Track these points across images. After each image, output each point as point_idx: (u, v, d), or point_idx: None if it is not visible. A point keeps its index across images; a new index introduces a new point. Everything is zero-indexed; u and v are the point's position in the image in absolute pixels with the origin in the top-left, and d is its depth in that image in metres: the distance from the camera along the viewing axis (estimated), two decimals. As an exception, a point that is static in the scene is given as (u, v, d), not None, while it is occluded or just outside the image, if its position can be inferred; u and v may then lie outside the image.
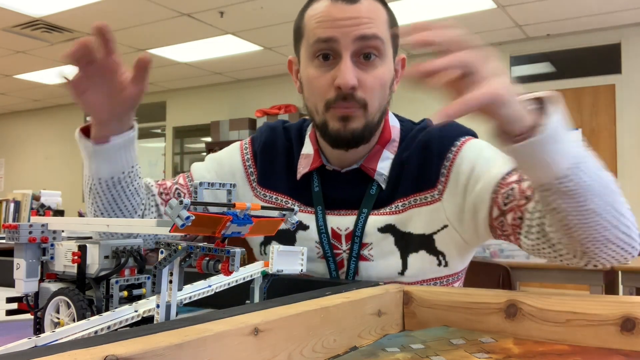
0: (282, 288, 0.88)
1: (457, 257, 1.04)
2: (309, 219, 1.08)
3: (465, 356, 0.66)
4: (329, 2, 0.97)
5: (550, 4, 4.80)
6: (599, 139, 5.45)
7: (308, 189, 1.09)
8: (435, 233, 1.02)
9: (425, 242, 1.02)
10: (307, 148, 1.11)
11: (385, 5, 1.02)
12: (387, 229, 1.02)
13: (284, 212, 0.69)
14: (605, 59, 5.49)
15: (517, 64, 5.93)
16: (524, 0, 4.73)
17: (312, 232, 1.07)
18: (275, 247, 0.88)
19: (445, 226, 1.01)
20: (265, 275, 0.88)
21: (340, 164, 1.07)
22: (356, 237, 1.03)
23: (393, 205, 1.03)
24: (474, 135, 1.06)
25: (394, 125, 1.09)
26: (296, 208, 0.70)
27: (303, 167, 1.10)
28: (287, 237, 1.09)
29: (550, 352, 0.70)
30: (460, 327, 0.77)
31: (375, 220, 1.03)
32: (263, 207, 0.64)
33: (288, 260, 0.91)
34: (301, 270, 0.93)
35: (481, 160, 0.99)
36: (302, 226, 1.08)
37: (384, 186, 1.04)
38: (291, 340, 0.61)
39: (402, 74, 1.07)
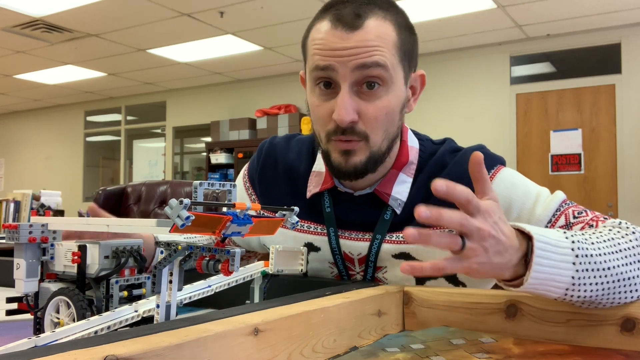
0: (282, 288, 0.88)
1: (478, 286, 1.02)
2: (320, 240, 1.03)
3: (465, 356, 0.66)
4: (330, 26, 0.90)
5: (550, 4, 4.80)
6: (599, 139, 5.44)
7: (318, 208, 1.04)
8: None
9: None
10: (319, 165, 1.06)
11: (395, 23, 0.93)
12: (402, 256, 0.99)
13: (284, 212, 0.69)
14: (605, 59, 5.49)
15: (517, 64, 5.93)
16: (524, 0, 4.73)
17: (325, 253, 1.03)
18: (275, 247, 0.88)
19: None
20: (265, 275, 0.88)
21: (353, 186, 1.01)
22: (370, 262, 1.00)
23: None
24: (502, 162, 1.01)
25: (413, 145, 1.03)
26: (296, 209, 0.70)
27: (314, 186, 1.05)
28: None
29: (550, 352, 0.70)
30: (460, 327, 0.77)
31: (390, 247, 0.99)
32: (263, 207, 0.64)
33: (288, 261, 0.91)
34: (301, 270, 0.93)
35: (515, 196, 0.95)
36: (312, 247, 1.04)
37: (398, 211, 0.99)
38: (291, 340, 0.61)
39: (422, 91, 1.01)
